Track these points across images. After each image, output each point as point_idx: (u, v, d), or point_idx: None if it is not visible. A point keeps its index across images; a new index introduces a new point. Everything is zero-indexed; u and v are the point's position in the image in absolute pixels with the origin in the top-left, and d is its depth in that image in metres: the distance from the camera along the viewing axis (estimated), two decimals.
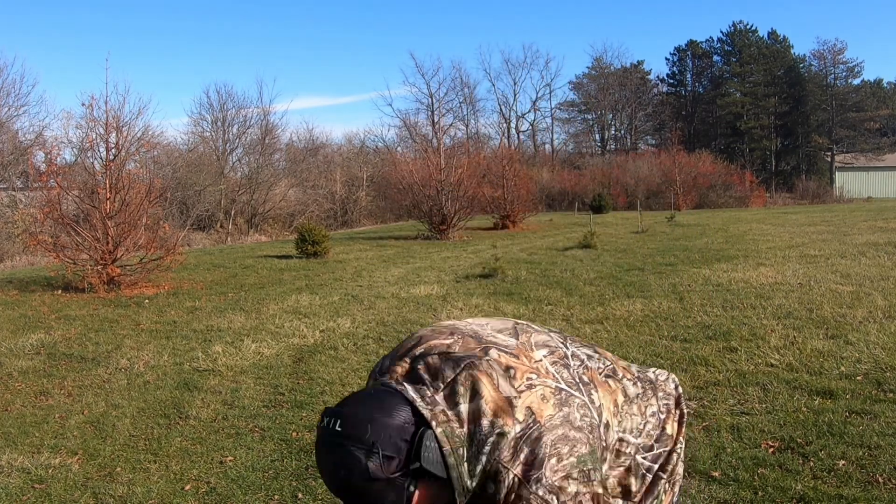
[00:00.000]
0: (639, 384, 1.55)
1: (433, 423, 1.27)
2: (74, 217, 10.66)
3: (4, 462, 3.71)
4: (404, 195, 19.22)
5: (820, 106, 49.29)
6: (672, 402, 1.60)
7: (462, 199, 17.88)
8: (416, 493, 1.24)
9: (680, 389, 1.64)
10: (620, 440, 1.46)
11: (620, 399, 1.48)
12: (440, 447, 1.26)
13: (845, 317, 6.23)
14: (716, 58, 53.34)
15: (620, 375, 1.52)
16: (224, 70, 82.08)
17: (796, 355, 5.05)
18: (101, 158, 10.86)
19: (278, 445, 3.85)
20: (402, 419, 1.25)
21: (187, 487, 3.38)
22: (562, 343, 1.50)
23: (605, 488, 1.36)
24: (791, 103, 49.44)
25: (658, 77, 56.46)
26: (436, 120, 40.81)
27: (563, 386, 1.37)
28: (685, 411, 1.62)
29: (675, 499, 1.56)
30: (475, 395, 1.30)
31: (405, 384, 1.33)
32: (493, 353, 1.37)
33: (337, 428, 1.22)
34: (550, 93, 65.20)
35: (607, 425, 1.42)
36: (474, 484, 1.30)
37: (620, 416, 1.47)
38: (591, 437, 1.34)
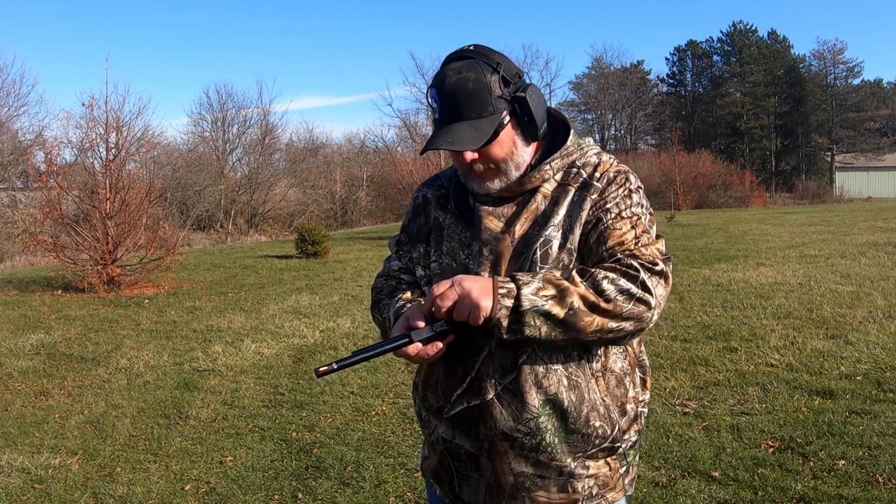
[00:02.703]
0: None
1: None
2: (74, 217, 10.66)
3: (4, 462, 3.71)
4: (404, 195, 19.25)
5: (820, 106, 49.23)
6: None
7: None
8: (509, 125, 1.37)
9: None
10: None
11: None
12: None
13: (845, 317, 6.23)
14: (716, 58, 53.25)
15: None
16: (224, 70, 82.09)
17: (796, 355, 5.05)
18: (101, 158, 10.89)
19: (278, 445, 3.85)
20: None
21: (187, 487, 3.38)
22: None
23: None
24: (791, 103, 49.37)
25: (658, 77, 56.38)
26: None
27: None
28: None
29: None
30: None
31: None
32: None
33: (470, 47, 1.39)
34: (550, 93, 64.75)
35: None
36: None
37: None
38: None
